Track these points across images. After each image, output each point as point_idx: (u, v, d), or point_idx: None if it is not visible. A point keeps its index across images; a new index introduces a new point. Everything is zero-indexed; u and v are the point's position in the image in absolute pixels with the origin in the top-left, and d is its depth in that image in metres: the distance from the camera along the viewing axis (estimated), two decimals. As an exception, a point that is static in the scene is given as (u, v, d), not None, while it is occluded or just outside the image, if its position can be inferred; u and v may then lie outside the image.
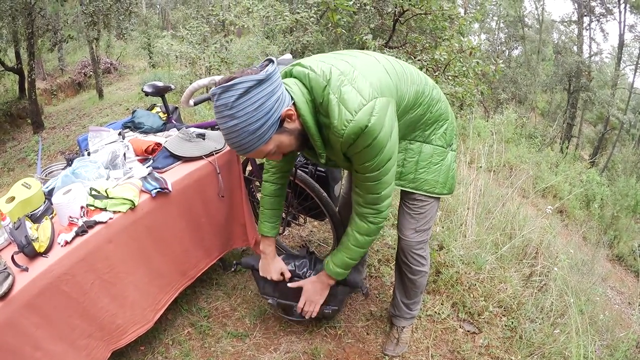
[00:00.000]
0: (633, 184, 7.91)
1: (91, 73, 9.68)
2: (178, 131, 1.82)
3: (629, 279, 4.99)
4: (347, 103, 1.07)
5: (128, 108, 6.60)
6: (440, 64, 4.01)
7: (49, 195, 1.49)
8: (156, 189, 1.47)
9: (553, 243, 2.95)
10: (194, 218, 1.68)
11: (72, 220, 1.32)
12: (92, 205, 1.37)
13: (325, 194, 1.78)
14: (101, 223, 1.34)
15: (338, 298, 1.63)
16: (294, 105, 1.10)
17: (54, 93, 10.48)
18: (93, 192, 1.39)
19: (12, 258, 1.20)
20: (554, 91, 17.08)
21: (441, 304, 1.99)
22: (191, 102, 1.94)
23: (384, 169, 1.18)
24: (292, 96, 1.10)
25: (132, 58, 12.85)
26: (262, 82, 1.00)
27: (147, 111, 2.03)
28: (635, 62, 15.03)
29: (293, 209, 1.99)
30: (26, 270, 1.19)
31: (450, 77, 4.13)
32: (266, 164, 1.51)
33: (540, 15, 17.17)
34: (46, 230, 1.27)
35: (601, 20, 15.38)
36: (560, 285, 2.17)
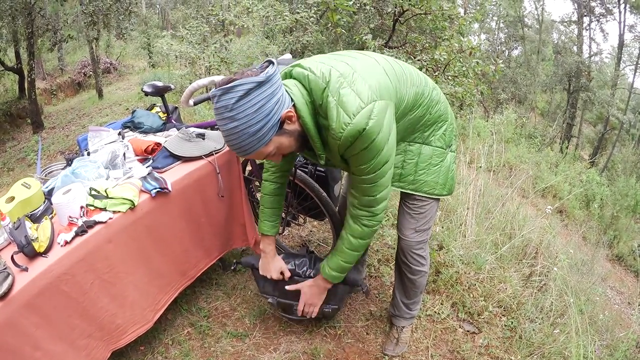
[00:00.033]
0: (633, 184, 7.91)
1: (91, 73, 9.68)
2: (178, 131, 1.82)
3: (629, 279, 4.99)
4: (346, 106, 1.06)
5: (128, 108, 6.60)
6: (440, 64, 4.01)
7: (49, 195, 1.49)
8: (156, 189, 1.47)
9: (553, 243, 2.95)
10: (194, 218, 1.68)
11: (72, 220, 1.32)
12: (92, 205, 1.37)
13: (324, 194, 1.78)
14: (101, 223, 1.34)
15: (338, 296, 1.63)
16: (294, 106, 1.10)
17: (54, 93, 10.47)
18: (93, 192, 1.40)
19: (12, 258, 1.20)
20: (554, 91, 17.09)
21: (441, 304, 1.99)
22: (191, 102, 1.94)
23: (380, 172, 1.18)
24: (292, 98, 1.10)
25: (132, 58, 12.84)
26: (263, 84, 1.00)
27: (147, 111, 2.03)
28: (635, 62, 15.04)
29: (293, 209, 1.99)
30: (26, 270, 1.19)
31: (450, 77, 4.13)
32: (266, 163, 1.52)
33: (540, 15, 17.18)
34: (46, 230, 1.27)
35: (601, 20, 15.40)
36: (560, 285, 2.17)
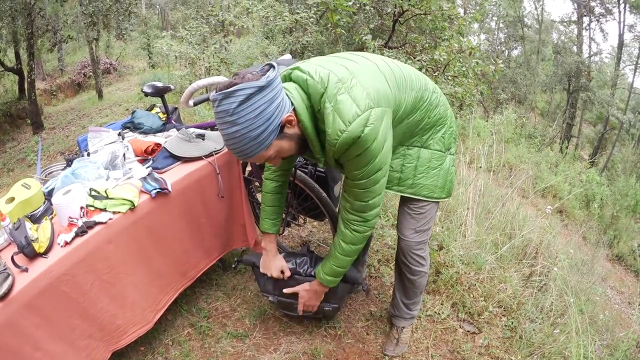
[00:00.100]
0: (633, 184, 7.91)
1: (91, 73, 9.68)
2: (178, 131, 1.82)
3: (629, 279, 4.99)
4: (342, 113, 1.06)
5: (128, 108, 6.60)
6: (439, 64, 4.01)
7: (49, 195, 1.49)
8: (156, 190, 1.47)
9: (553, 243, 2.95)
10: (194, 218, 1.68)
11: (72, 220, 1.32)
12: (92, 205, 1.37)
13: (324, 194, 1.78)
14: (101, 223, 1.34)
15: (338, 295, 1.63)
16: (294, 110, 1.10)
17: (54, 93, 10.48)
18: (93, 193, 1.40)
19: (12, 258, 1.20)
20: (554, 91, 17.10)
21: (441, 304, 1.99)
22: (191, 103, 1.94)
23: (374, 178, 1.19)
24: (292, 101, 1.10)
25: (132, 58, 12.85)
26: (263, 89, 1.00)
27: (147, 112, 2.03)
28: (634, 62, 15.04)
29: (293, 209, 1.99)
30: (26, 270, 1.19)
31: (449, 77, 4.13)
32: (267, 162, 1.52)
33: (539, 15, 17.18)
34: (46, 230, 1.27)
35: (601, 20, 15.40)
36: (560, 285, 2.18)
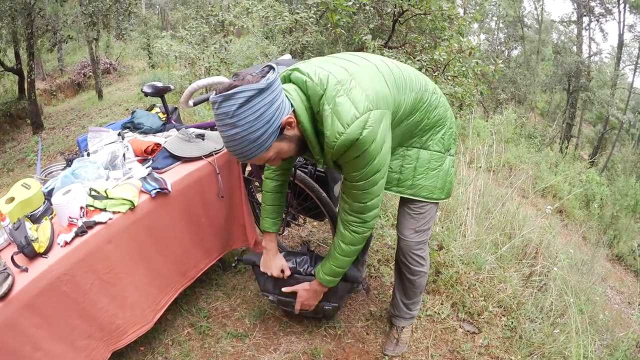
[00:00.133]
0: (633, 184, 7.91)
1: (90, 73, 9.69)
2: (177, 131, 1.82)
3: (629, 279, 4.99)
4: (340, 115, 1.06)
5: (127, 108, 6.60)
6: (439, 64, 4.01)
7: (49, 195, 1.49)
8: (156, 190, 1.47)
9: (553, 243, 2.95)
10: (194, 218, 1.68)
11: (72, 220, 1.32)
12: (92, 205, 1.37)
13: (324, 194, 1.78)
14: (101, 223, 1.34)
15: (338, 295, 1.63)
16: (294, 112, 1.10)
17: (54, 93, 10.48)
18: (93, 193, 1.40)
19: (12, 258, 1.20)
20: (554, 91, 17.10)
21: (441, 304, 1.99)
22: (190, 103, 1.94)
23: (372, 180, 1.19)
24: (292, 103, 1.10)
25: (132, 58, 12.85)
26: (263, 91, 1.00)
27: (147, 111, 2.03)
28: (634, 62, 15.04)
29: (292, 209, 2.00)
30: (26, 270, 1.19)
31: (449, 77, 4.13)
32: None
33: (539, 15, 17.18)
34: (46, 230, 1.27)
35: (600, 20, 15.40)
36: (560, 285, 2.18)
